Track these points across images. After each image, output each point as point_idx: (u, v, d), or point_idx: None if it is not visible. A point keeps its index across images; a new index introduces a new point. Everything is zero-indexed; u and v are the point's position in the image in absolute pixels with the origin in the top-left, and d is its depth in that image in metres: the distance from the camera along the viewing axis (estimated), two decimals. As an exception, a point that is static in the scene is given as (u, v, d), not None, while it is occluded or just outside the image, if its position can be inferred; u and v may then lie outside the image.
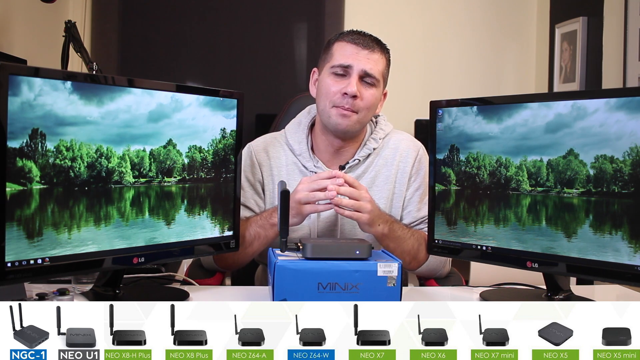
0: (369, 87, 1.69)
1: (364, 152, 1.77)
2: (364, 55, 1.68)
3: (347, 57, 1.68)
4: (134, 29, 3.73)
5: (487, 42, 3.90)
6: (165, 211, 1.46)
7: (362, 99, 1.68)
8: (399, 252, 1.65)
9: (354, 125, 1.70)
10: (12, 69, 1.18)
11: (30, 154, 1.21)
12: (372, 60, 1.69)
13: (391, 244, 1.65)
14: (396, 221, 1.70)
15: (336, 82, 1.69)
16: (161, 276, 1.70)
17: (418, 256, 1.71)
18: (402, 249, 1.67)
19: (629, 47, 3.00)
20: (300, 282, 1.33)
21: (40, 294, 1.18)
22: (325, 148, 1.78)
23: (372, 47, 1.70)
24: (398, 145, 1.81)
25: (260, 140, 1.86)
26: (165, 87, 1.44)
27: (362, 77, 1.68)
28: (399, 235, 1.67)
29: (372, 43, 1.71)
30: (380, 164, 1.78)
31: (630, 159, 1.31)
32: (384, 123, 1.84)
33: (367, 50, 1.69)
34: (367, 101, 1.69)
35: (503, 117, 1.52)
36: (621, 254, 1.32)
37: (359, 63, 1.67)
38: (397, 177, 1.79)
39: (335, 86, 1.68)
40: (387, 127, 1.84)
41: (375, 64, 1.69)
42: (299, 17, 3.86)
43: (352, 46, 1.69)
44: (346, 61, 1.68)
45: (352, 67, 1.67)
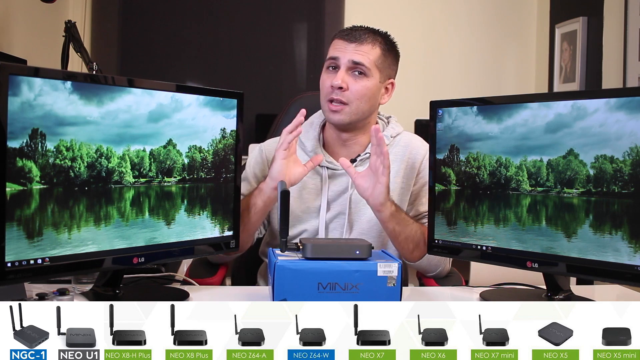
0: (359, 78, 1.72)
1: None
2: (352, 47, 1.72)
3: (335, 50, 1.74)
4: (134, 29, 3.73)
5: (487, 42, 3.90)
6: (165, 211, 1.46)
7: (350, 90, 1.71)
8: (403, 237, 1.67)
9: (346, 118, 1.73)
10: (12, 69, 1.18)
11: (30, 154, 1.21)
12: (360, 51, 1.72)
13: (397, 226, 1.66)
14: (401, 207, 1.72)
15: (327, 77, 1.74)
16: (161, 276, 1.70)
17: (420, 244, 1.71)
18: (407, 233, 1.68)
19: (629, 47, 3.00)
20: (300, 282, 1.33)
21: (40, 294, 1.18)
22: (334, 142, 1.82)
23: (362, 39, 1.72)
24: (408, 143, 1.85)
25: (271, 140, 1.90)
26: (165, 87, 1.44)
27: (351, 68, 1.71)
28: (404, 217, 1.69)
29: (364, 35, 1.73)
30: (390, 159, 1.80)
31: (630, 159, 1.31)
32: (396, 124, 1.88)
33: (355, 43, 1.72)
34: (357, 92, 1.71)
35: (503, 117, 1.52)
36: (621, 254, 1.32)
37: (345, 55, 1.71)
38: (406, 172, 1.81)
39: (327, 80, 1.74)
40: (398, 128, 1.87)
41: (364, 55, 1.71)
42: (299, 17, 3.86)
43: (342, 41, 1.74)
44: (334, 54, 1.73)
45: (339, 59, 1.72)
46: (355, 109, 1.72)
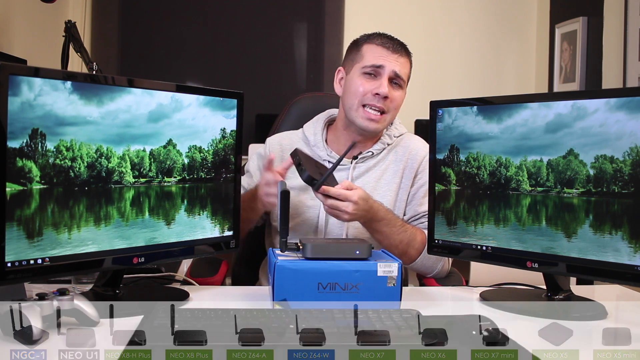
0: (397, 89, 1.79)
1: (378, 146, 1.86)
2: (394, 58, 1.77)
3: (378, 58, 1.77)
4: (134, 29, 3.73)
5: (487, 42, 3.90)
6: (165, 211, 1.46)
7: (391, 100, 1.77)
8: (385, 244, 1.70)
9: (381, 126, 1.81)
10: (12, 69, 1.18)
11: (30, 154, 1.21)
12: (400, 62, 1.78)
13: (377, 235, 1.70)
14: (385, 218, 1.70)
15: (367, 82, 1.77)
16: (161, 276, 1.70)
17: (409, 252, 1.73)
18: (390, 242, 1.70)
19: (629, 47, 3.00)
20: (300, 282, 1.33)
21: (40, 294, 1.18)
22: (344, 141, 1.84)
23: (400, 51, 1.79)
24: (409, 144, 1.89)
25: (277, 135, 1.96)
26: (165, 87, 1.44)
27: (392, 78, 1.77)
28: (384, 230, 1.69)
29: (400, 47, 1.80)
30: (391, 159, 1.86)
31: (630, 159, 1.31)
32: (399, 124, 1.93)
33: (396, 54, 1.78)
34: (396, 102, 1.79)
35: (503, 117, 1.52)
36: (621, 254, 1.32)
37: (389, 64, 1.76)
38: (405, 172, 1.84)
39: (366, 86, 1.76)
40: (401, 129, 1.93)
41: (402, 67, 1.79)
42: (299, 17, 3.86)
43: (383, 49, 1.78)
44: (378, 61, 1.76)
45: (384, 68, 1.76)
46: (390, 118, 1.81)
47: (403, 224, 1.74)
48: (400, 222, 1.73)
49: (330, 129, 1.91)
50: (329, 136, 1.89)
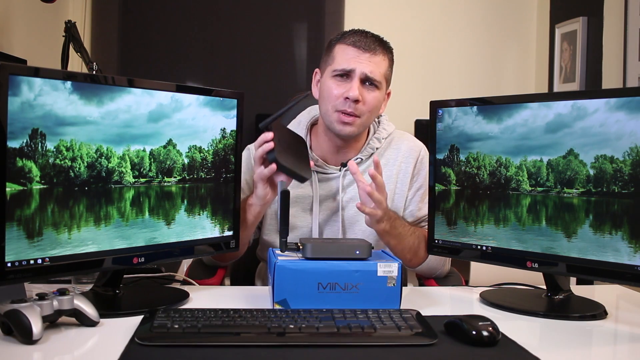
0: (371, 90, 1.68)
1: (366, 152, 1.78)
2: (366, 58, 1.66)
3: (348, 61, 1.67)
4: (134, 29, 3.73)
5: (487, 42, 3.90)
6: (165, 211, 1.46)
7: (364, 103, 1.67)
8: (399, 249, 1.67)
9: (356, 130, 1.70)
10: (12, 69, 1.18)
11: (30, 154, 1.21)
12: (373, 63, 1.67)
13: (392, 240, 1.66)
14: (398, 217, 1.70)
15: (338, 86, 1.67)
16: (161, 276, 1.70)
17: (419, 253, 1.71)
18: (403, 246, 1.68)
19: (629, 47, 3.00)
20: (300, 282, 1.33)
21: (40, 294, 1.18)
22: (327, 147, 1.78)
23: (374, 49, 1.68)
24: (400, 145, 1.82)
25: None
26: (165, 87, 1.44)
27: (364, 80, 1.67)
28: (400, 232, 1.67)
29: (374, 44, 1.68)
30: (382, 163, 1.77)
31: (630, 159, 1.31)
32: (387, 123, 1.85)
33: (368, 53, 1.67)
34: (370, 104, 1.68)
35: (503, 117, 1.52)
36: (621, 254, 1.32)
37: (360, 66, 1.66)
38: (399, 177, 1.80)
39: (337, 90, 1.67)
40: (389, 127, 1.84)
41: (377, 67, 1.67)
42: (299, 17, 3.86)
43: (354, 49, 1.67)
44: (348, 65, 1.66)
45: (354, 71, 1.66)
46: (365, 121, 1.70)
47: (410, 225, 1.74)
48: (408, 225, 1.73)
49: (313, 133, 1.82)
50: (312, 142, 1.81)
